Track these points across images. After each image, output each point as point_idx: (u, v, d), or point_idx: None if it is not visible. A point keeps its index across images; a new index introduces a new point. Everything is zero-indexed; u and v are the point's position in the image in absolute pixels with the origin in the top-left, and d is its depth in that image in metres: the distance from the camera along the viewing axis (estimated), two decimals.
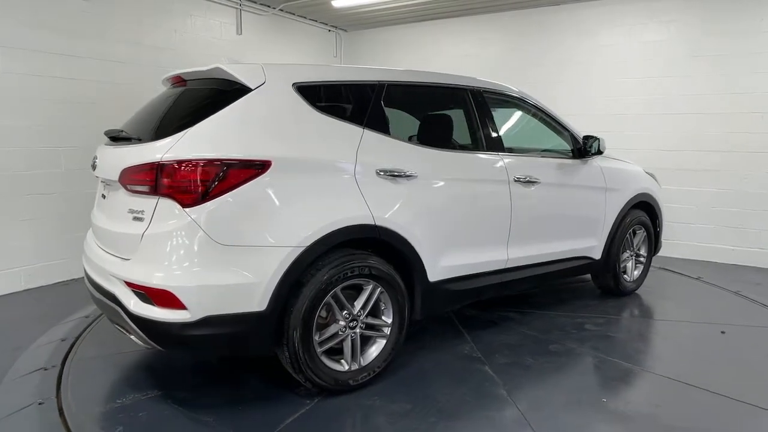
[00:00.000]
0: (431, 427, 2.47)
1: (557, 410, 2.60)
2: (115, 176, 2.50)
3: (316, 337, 2.59)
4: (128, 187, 2.45)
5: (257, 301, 2.36)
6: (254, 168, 2.37)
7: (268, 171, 2.40)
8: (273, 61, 6.52)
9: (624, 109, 6.13)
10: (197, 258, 2.28)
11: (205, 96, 2.61)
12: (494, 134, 3.40)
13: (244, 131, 2.44)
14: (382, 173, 2.76)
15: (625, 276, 4.46)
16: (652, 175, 4.67)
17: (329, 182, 2.60)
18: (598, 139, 3.86)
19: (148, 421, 2.47)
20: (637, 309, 4.20)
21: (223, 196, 2.31)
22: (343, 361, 2.72)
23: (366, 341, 2.85)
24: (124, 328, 2.50)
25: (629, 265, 4.48)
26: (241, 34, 6.41)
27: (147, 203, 2.36)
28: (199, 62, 5.33)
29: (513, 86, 3.76)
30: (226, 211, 2.32)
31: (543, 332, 3.63)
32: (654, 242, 4.68)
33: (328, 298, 2.60)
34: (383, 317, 2.87)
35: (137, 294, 2.34)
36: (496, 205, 3.31)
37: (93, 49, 4.91)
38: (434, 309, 3.16)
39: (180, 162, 2.27)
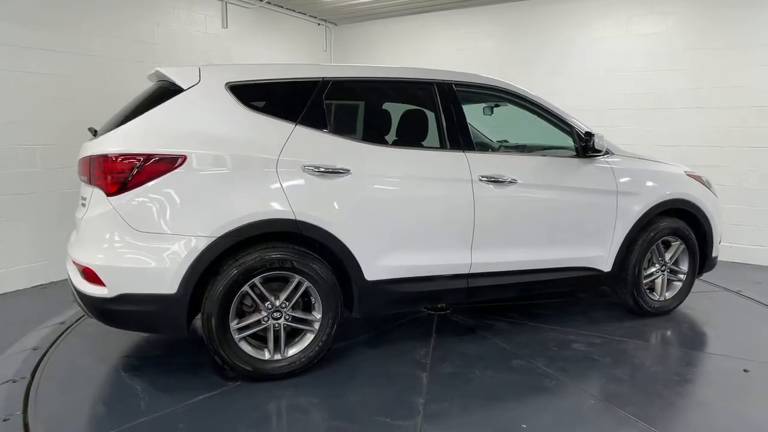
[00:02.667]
0: (320, 423, 2.48)
1: (461, 428, 2.42)
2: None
3: (234, 323, 2.73)
4: (80, 177, 2.83)
5: (168, 284, 2.57)
6: (170, 162, 2.57)
7: (183, 165, 2.58)
8: (261, 56, 6.68)
9: (623, 104, 6.00)
10: (116, 241, 2.56)
11: (153, 95, 2.87)
12: (459, 130, 3.20)
13: (167, 128, 2.65)
14: (309, 169, 2.79)
15: (652, 294, 3.87)
16: (701, 179, 3.96)
17: (248, 177, 2.70)
18: (593, 135, 3.40)
19: None
20: (657, 333, 3.61)
21: (141, 187, 2.55)
22: (266, 350, 2.83)
23: (296, 334, 2.92)
24: (76, 302, 2.88)
25: (658, 281, 3.88)
26: (227, 27, 6.19)
27: (88, 192, 2.70)
28: (184, 57, 5.70)
29: (502, 79, 3.48)
30: (143, 200, 2.55)
31: (518, 346, 3.33)
32: (701, 258, 3.98)
33: (246, 287, 2.72)
34: (314, 312, 2.91)
35: (78, 270, 2.70)
36: (453, 206, 3.12)
37: (71, 42, 4.64)
38: (375, 309, 3.09)
39: (103, 156, 2.57)
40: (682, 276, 3.95)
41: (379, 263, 2.98)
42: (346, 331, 3.56)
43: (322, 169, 2.82)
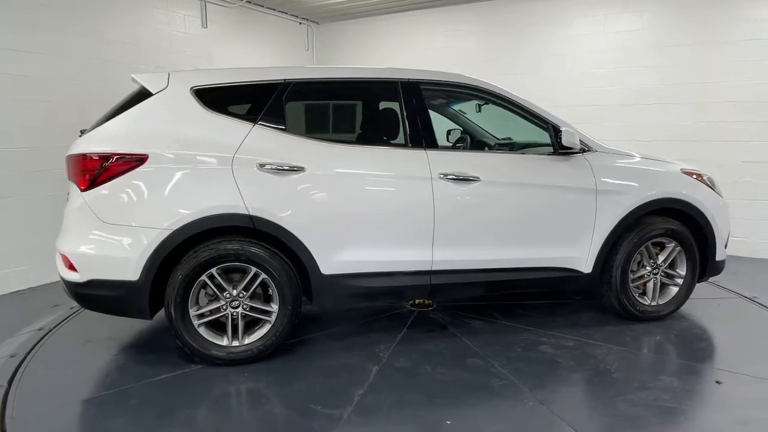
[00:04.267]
0: (255, 407, 2.64)
1: (387, 420, 2.47)
2: None
3: (193, 310, 2.94)
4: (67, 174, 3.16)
5: (131, 272, 2.82)
6: (133, 161, 2.82)
7: (146, 163, 2.82)
8: (242, 56, 6.59)
9: (599, 100, 6.12)
10: (86, 231, 2.84)
11: (130, 99, 3.13)
12: (422, 128, 3.22)
13: (134, 130, 2.90)
14: (265, 166, 2.94)
15: (643, 298, 3.67)
16: (701, 178, 3.70)
17: (205, 174, 2.90)
18: (560, 131, 3.28)
19: None
20: (638, 338, 3.42)
21: (108, 183, 2.81)
22: (225, 336, 3.02)
23: (256, 323, 3.09)
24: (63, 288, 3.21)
25: (650, 284, 3.67)
26: (206, 27, 6.06)
27: (69, 187, 3.02)
28: (163, 57, 5.70)
29: (478, 78, 3.45)
30: (110, 195, 2.82)
31: (483, 345, 3.30)
32: (702, 262, 3.72)
33: (204, 277, 2.92)
34: (272, 303, 3.06)
35: (60, 258, 3.02)
36: (412, 203, 3.14)
37: (49, 44, 4.54)
38: (333, 302, 3.19)
39: (77, 155, 2.86)
40: (678, 280, 3.71)
41: (335, 258, 3.08)
42: (321, 322, 3.71)
43: (276, 167, 2.96)
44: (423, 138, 3.22)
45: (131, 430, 2.42)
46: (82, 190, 2.85)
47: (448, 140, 4.23)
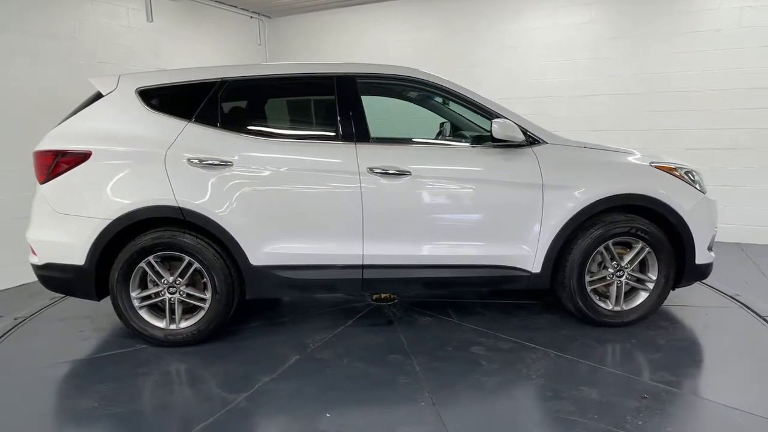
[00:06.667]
0: (168, 385, 2.83)
1: (274, 407, 2.55)
2: None
3: (134, 294, 3.20)
4: None
5: (77, 257, 3.12)
6: (78, 157, 3.11)
7: (90, 159, 3.10)
8: (191, 51, 6.35)
9: (554, 91, 6.29)
10: (43, 220, 3.19)
11: (88, 100, 3.42)
12: (354, 122, 3.22)
13: (83, 128, 3.19)
14: (194, 161, 3.11)
15: (605, 302, 3.39)
16: (674, 172, 3.33)
17: (141, 169, 3.12)
18: (491, 122, 3.10)
19: None
20: (585, 346, 3.16)
21: (60, 176, 3.13)
22: (164, 320, 3.25)
23: (194, 309, 3.28)
24: None
25: (613, 287, 3.38)
26: (152, 21, 5.78)
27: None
28: (105, 53, 5.45)
29: (420, 69, 3.37)
30: (61, 188, 3.13)
31: (416, 342, 3.25)
32: (679, 265, 3.36)
33: (142, 264, 3.16)
34: (206, 290, 3.23)
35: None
36: (339, 197, 3.16)
37: None
38: (263, 292, 3.28)
39: (36, 151, 3.21)
40: (649, 285, 3.39)
41: (264, 249, 3.19)
42: (271, 311, 3.85)
43: (205, 162, 3.12)
44: (354, 132, 3.21)
45: (48, 400, 2.72)
46: (40, 183, 3.20)
47: (441, 134, 4.16)
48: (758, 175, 5.61)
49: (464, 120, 3.68)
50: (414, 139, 3.38)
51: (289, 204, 3.18)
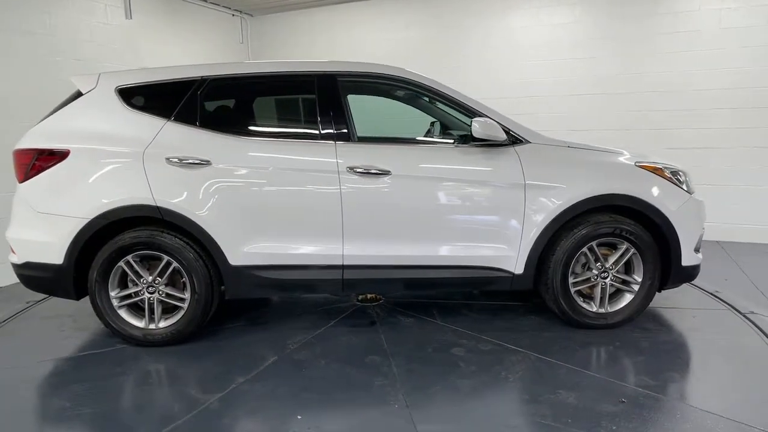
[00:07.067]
0: (142, 385, 2.80)
1: (247, 408, 2.52)
2: None
3: (114, 293, 3.18)
4: None
5: (56, 256, 3.11)
6: (57, 155, 3.09)
7: (68, 158, 3.09)
8: (171, 50, 6.19)
9: (538, 91, 6.39)
10: (22, 219, 3.18)
11: (68, 98, 3.41)
12: (334, 121, 3.18)
13: (62, 127, 3.17)
14: (172, 160, 3.09)
15: (589, 304, 3.34)
16: (661, 172, 3.27)
17: (119, 168, 3.09)
18: (472, 121, 3.06)
19: None
20: (568, 349, 3.11)
21: (38, 175, 3.11)
22: (144, 319, 3.23)
23: (174, 309, 3.26)
24: None
25: (598, 289, 3.33)
26: (131, 18, 5.68)
27: None
28: (82, 50, 5.29)
29: (403, 68, 3.33)
30: (39, 186, 3.11)
31: (397, 343, 3.22)
32: (665, 266, 3.31)
33: (121, 263, 3.14)
34: (186, 290, 3.21)
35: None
36: (319, 196, 3.13)
37: None
38: (243, 292, 3.25)
39: (15, 150, 3.20)
40: (635, 286, 3.33)
41: (242, 249, 3.16)
42: (253, 311, 3.82)
43: (183, 161, 3.09)
44: (335, 131, 3.18)
45: (21, 400, 2.70)
46: (20, 182, 3.19)
47: (429, 133, 4.12)
48: (737, 174, 5.76)
49: (452, 119, 3.64)
50: (395, 139, 3.34)
51: (268, 203, 3.15)
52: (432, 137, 3.77)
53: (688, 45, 5.71)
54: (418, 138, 3.39)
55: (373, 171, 3.12)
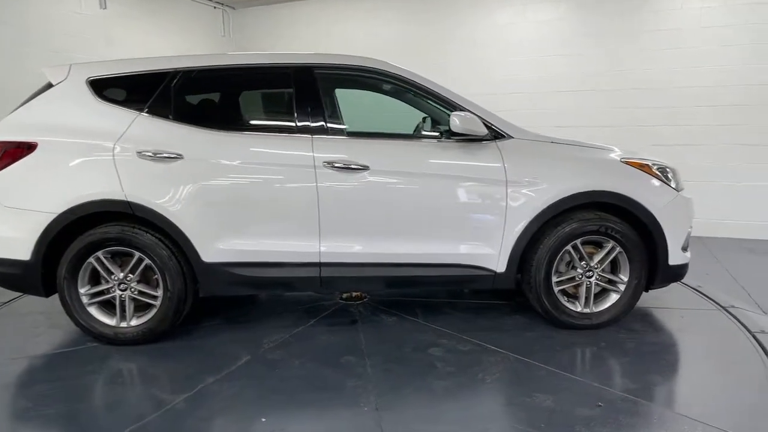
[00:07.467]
0: (107, 386, 2.73)
1: (213, 410, 2.44)
2: None
3: (83, 290, 3.10)
4: None
5: (23, 252, 3.02)
6: (24, 148, 3.01)
7: (35, 151, 3.00)
8: (148, 41, 5.94)
9: (522, 88, 6.42)
10: None
11: (38, 90, 3.30)
12: (310, 114, 3.09)
13: (31, 119, 3.09)
14: (144, 154, 3.00)
15: (571, 303, 3.25)
16: (648, 168, 3.18)
17: (89, 161, 3.01)
18: (449, 115, 2.97)
19: None
20: (550, 350, 3.02)
21: (6, 168, 3.03)
22: (115, 317, 3.15)
23: (147, 306, 3.18)
24: None
25: (582, 288, 3.24)
26: (105, 8, 5.49)
27: None
28: (55, 41, 5.05)
29: (384, 60, 3.24)
30: (8, 180, 3.03)
31: (375, 342, 3.13)
32: (651, 265, 3.22)
33: (91, 259, 3.06)
34: (158, 287, 3.13)
35: None
36: (294, 192, 3.04)
37: None
38: (217, 289, 3.17)
39: None
40: (621, 286, 3.24)
41: (216, 246, 3.08)
42: (233, 310, 3.74)
43: (155, 155, 3.01)
44: (312, 125, 3.09)
45: None
46: None
47: (418, 128, 4.03)
48: (718, 171, 5.91)
49: (440, 113, 3.54)
50: (375, 133, 3.24)
51: (242, 199, 3.06)
52: (422, 132, 3.68)
53: (670, 43, 5.80)
54: (400, 133, 3.29)
55: (350, 166, 3.03)
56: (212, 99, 3.37)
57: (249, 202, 3.07)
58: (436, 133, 3.30)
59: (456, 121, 2.97)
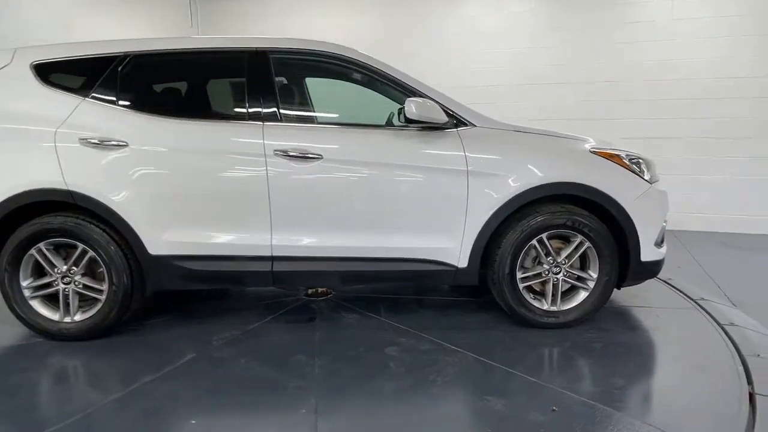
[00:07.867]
0: (48, 384, 2.60)
1: (141, 407, 2.30)
2: None
3: (25, 283, 2.97)
4: None
5: None
6: None
7: None
8: (112, 30, 5.74)
9: (495, 80, 6.36)
10: None
11: None
12: (262, 100, 2.94)
13: None
14: (87, 141, 2.87)
15: (540, 301, 3.09)
16: (618, 159, 3.01)
17: (30, 149, 2.88)
18: (405, 100, 2.81)
19: None
20: (512, 350, 2.86)
21: None
22: (59, 312, 3.02)
23: (93, 301, 3.04)
24: None
25: (549, 285, 3.07)
26: None
27: None
28: (8, 28, 4.70)
29: (345, 46, 3.09)
30: None
31: (328, 341, 2.98)
32: (622, 262, 3.05)
33: (32, 251, 2.93)
34: (103, 282, 2.99)
35: None
36: (244, 181, 2.90)
37: None
38: (164, 284, 3.03)
39: None
40: (590, 283, 3.08)
41: (163, 238, 2.94)
42: (192, 305, 3.60)
43: (98, 142, 2.87)
44: (263, 111, 2.94)
45: None
46: None
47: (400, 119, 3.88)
48: (690, 164, 5.92)
49: (400, 99, 3.39)
50: (330, 121, 3.09)
51: (188, 188, 2.92)
52: (395, 122, 3.52)
53: (644, 35, 5.77)
54: (357, 122, 3.13)
55: (302, 155, 2.88)
56: (161, 85, 3.23)
57: (197, 191, 2.92)
58: (399, 123, 3.15)
59: (411, 107, 2.80)
